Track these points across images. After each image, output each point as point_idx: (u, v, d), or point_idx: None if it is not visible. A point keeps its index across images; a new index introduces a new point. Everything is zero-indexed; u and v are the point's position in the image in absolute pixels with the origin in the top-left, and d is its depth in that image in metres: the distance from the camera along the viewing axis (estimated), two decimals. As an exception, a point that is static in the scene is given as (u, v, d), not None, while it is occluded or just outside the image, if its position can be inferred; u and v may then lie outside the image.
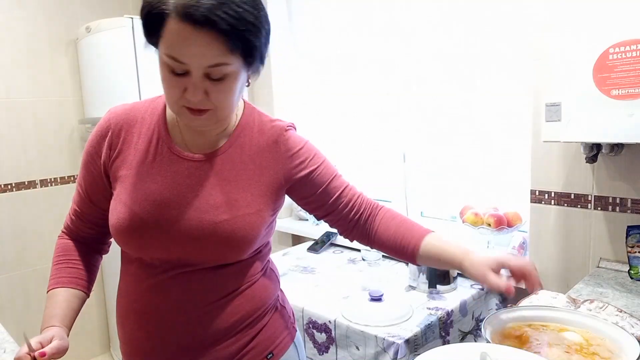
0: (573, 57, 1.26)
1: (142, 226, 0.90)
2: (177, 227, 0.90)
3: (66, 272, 0.99)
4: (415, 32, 2.07)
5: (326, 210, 1.04)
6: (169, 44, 0.80)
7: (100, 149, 0.96)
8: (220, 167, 0.94)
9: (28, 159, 2.50)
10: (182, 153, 0.94)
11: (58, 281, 0.98)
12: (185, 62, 0.80)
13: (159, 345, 0.93)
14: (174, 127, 0.96)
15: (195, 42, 0.78)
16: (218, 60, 0.80)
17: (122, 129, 0.96)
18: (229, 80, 0.83)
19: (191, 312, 0.93)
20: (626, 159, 1.47)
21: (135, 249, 0.94)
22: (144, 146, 0.95)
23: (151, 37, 0.83)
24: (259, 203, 0.95)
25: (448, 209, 2.11)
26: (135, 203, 0.91)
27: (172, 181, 0.93)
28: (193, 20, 0.76)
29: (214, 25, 0.76)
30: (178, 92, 0.83)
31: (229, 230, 0.91)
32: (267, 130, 0.99)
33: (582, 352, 0.87)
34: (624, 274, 1.45)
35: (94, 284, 1.06)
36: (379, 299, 1.54)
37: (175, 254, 0.92)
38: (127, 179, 0.93)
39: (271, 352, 1.01)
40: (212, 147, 0.96)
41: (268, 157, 0.97)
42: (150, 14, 0.80)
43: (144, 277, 0.95)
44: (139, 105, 0.99)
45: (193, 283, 0.93)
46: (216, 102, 0.84)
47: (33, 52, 2.47)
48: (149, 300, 0.94)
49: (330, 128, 2.50)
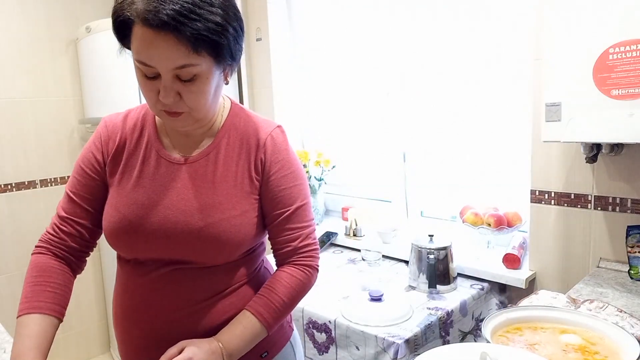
0: (573, 57, 1.26)
1: (130, 228, 0.92)
2: (164, 230, 0.92)
3: (43, 295, 0.91)
4: (415, 32, 2.07)
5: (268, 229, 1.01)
6: (136, 49, 0.83)
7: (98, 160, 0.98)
8: (204, 170, 0.95)
9: (28, 159, 2.50)
10: (169, 156, 0.96)
11: (34, 305, 0.90)
12: (152, 65, 0.82)
13: (153, 343, 0.94)
14: (162, 130, 0.99)
15: (158, 45, 0.80)
16: (184, 62, 0.81)
17: (116, 135, 0.99)
18: (199, 81, 0.85)
19: (183, 309, 0.94)
20: (626, 159, 1.47)
21: (125, 250, 0.97)
22: (135, 150, 0.98)
23: (123, 42, 0.86)
24: (244, 204, 0.95)
25: (448, 209, 2.11)
26: (124, 206, 0.93)
27: (159, 184, 0.94)
28: (153, 25, 0.78)
29: (173, 29, 0.78)
30: (154, 95, 0.86)
31: (214, 234, 0.91)
32: (252, 131, 0.99)
33: (581, 352, 0.87)
34: (624, 274, 1.45)
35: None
36: (379, 299, 1.54)
37: (165, 255, 0.93)
38: (119, 182, 0.96)
39: (266, 351, 1.01)
40: (198, 148, 0.97)
41: (250, 159, 0.97)
42: (117, 20, 0.83)
43: (137, 276, 0.96)
44: (132, 113, 1.02)
45: (185, 281, 0.94)
46: (190, 103, 0.86)
47: (33, 52, 2.47)
48: (143, 298, 0.95)
49: (330, 128, 2.50)
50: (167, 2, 0.77)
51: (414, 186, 2.21)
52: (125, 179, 0.96)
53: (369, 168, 2.37)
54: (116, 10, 0.83)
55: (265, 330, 0.94)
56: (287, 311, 0.99)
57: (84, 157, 1.00)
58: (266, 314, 0.94)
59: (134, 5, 0.80)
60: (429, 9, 2.01)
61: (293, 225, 0.98)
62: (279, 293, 0.96)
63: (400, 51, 2.13)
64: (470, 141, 1.99)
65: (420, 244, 1.71)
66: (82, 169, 0.99)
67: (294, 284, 0.98)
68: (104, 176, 0.98)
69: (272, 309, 0.95)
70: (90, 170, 0.98)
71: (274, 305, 0.95)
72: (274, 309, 0.95)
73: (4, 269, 2.47)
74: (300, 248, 0.99)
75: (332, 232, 2.25)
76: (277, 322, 0.97)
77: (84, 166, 0.99)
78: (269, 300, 0.95)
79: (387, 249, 2.02)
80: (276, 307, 0.95)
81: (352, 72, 2.34)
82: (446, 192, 2.11)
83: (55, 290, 0.94)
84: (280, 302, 0.96)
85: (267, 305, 0.95)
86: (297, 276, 0.98)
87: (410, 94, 2.13)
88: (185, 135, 0.97)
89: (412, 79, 2.11)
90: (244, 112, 1.02)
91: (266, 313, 0.94)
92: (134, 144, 0.98)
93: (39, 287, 0.92)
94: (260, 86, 2.58)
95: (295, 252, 0.99)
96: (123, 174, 0.96)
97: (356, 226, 2.20)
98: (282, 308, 0.96)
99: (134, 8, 0.80)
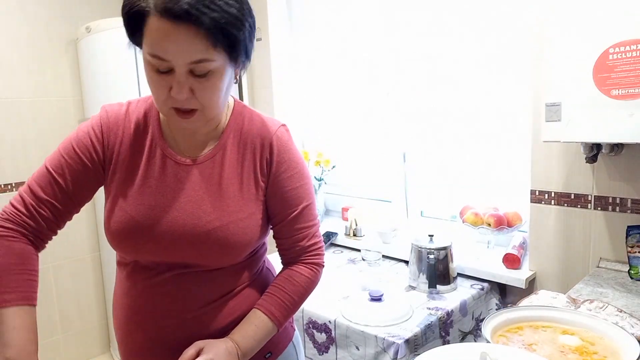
0: (573, 57, 1.26)
1: (138, 230, 0.90)
2: (172, 233, 0.90)
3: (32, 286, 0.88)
4: (415, 32, 2.07)
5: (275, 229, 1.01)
6: (150, 42, 0.79)
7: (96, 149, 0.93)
8: (210, 171, 0.94)
9: (28, 159, 2.50)
10: (174, 157, 0.94)
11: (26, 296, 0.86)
12: (167, 59, 0.79)
13: (157, 346, 0.93)
14: (166, 128, 0.96)
15: (176, 38, 0.77)
16: (201, 56, 0.79)
17: (118, 128, 0.94)
18: (214, 77, 0.82)
19: (187, 313, 0.93)
20: (626, 159, 1.47)
21: (130, 252, 0.94)
22: (138, 149, 0.94)
23: (134, 37, 0.83)
24: (250, 207, 0.94)
25: (448, 209, 2.11)
26: (131, 206, 0.91)
27: (166, 185, 0.92)
28: (173, 15, 0.75)
29: (194, 20, 0.75)
30: (164, 92, 0.82)
31: (222, 237, 0.90)
32: (257, 131, 0.97)
33: (579, 352, 0.87)
34: (624, 274, 1.45)
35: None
36: (379, 299, 1.54)
37: (170, 257, 0.92)
38: (123, 181, 0.93)
39: (269, 352, 1.01)
40: (203, 149, 0.95)
41: (256, 159, 0.95)
42: (130, 12, 0.79)
43: (139, 279, 0.95)
44: (133, 106, 0.97)
45: (188, 285, 0.93)
46: (202, 100, 0.83)
47: (33, 52, 2.47)
48: (146, 302, 0.94)
49: (330, 128, 2.50)
50: None
51: (414, 186, 2.21)
52: (130, 179, 0.93)
53: (369, 168, 2.37)
54: (128, 2, 0.79)
55: (276, 328, 0.96)
56: (296, 308, 0.99)
57: (79, 140, 0.92)
58: (277, 313, 0.95)
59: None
60: (429, 9, 2.01)
61: (300, 225, 0.98)
62: (288, 291, 0.97)
63: (400, 51, 2.13)
64: (471, 141, 1.99)
65: (420, 244, 1.71)
66: (74, 151, 0.91)
67: (303, 282, 0.98)
68: (99, 168, 0.93)
69: (282, 308, 0.96)
70: (85, 156, 0.92)
71: (284, 303, 0.96)
72: (284, 307, 0.96)
73: (4, 269, 2.46)
74: (308, 247, 1.00)
75: (332, 232, 2.25)
76: (287, 320, 0.98)
77: (77, 150, 0.91)
78: (279, 299, 0.96)
79: (387, 249, 2.02)
80: (287, 305, 0.96)
81: (352, 72, 2.34)
82: (446, 192, 2.11)
83: (35, 279, 0.90)
84: (290, 300, 0.97)
85: (277, 304, 0.95)
86: (306, 274, 0.99)
87: (410, 94, 2.13)
88: (190, 135, 0.94)
89: (412, 79, 2.11)
90: (247, 111, 0.99)
91: (277, 312, 0.95)
92: (138, 141, 0.94)
93: (25, 276, 0.88)
94: (260, 86, 2.58)
95: (303, 252, 1.00)
96: (127, 172, 0.93)
97: (356, 226, 2.20)
98: (292, 306, 0.97)
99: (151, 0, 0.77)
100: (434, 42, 2.01)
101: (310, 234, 1.00)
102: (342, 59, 2.37)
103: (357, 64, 2.31)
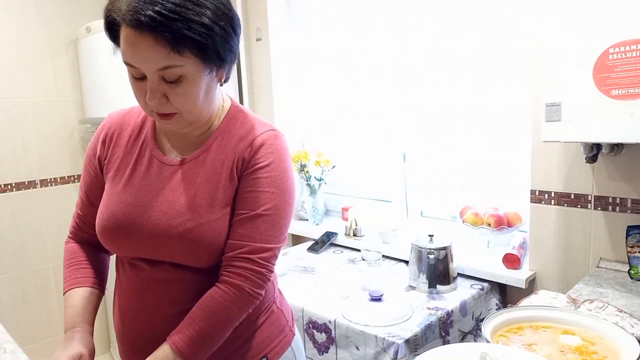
0: (573, 57, 1.26)
1: (118, 227, 0.93)
2: (147, 231, 0.91)
3: (79, 272, 1.02)
4: (416, 32, 2.07)
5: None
6: (123, 50, 0.83)
7: (96, 152, 1.01)
8: (193, 172, 0.94)
9: (28, 159, 2.50)
10: (161, 157, 0.96)
11: (72, 282, 1.00)
12: (137, 66, 0.82)
13: (150, 343, 0.93)
14: (161, 131, 0.99)
15: (139, 46, 0.80)
16: (166, 63, 0.80)
17: (115, 132, 1.00)
18: (185, 82, 0.83)
19: (176, 309, 0.93)
20: (626, 159, 1.47)
21: (113, 248, 0.98)
22: (131, 149, 0.98)
23: (115, 43, 0.87)
24: (225, 208, 0.92)
25: (448, 209, 2.11)
26: (114, 204, 0.94)
27: (148, 184, 0.94)
28: (136, 25, 0.78)
29: (152, 29, 0.78)
30: (143, 97, 0.86)
31: (192, 238, 0.90)
32: (245, 133, 0.95)
33: (579, 352, 0.87)
34: (624, 274, 1.45)
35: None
36: (379, 299, 1.54)
37: (150, 255, 0.93)
38: (112, 180, 0.97)
39: (265, 356, 1.00)
40: (194, 150, 0.96)
41: (235, 159, 0.93)
42: (106, 20, 0.84)
43: (132, 276, 0.97)
44: (134, 110, 1.03)
45: (176, 282, 0.93)
46: (177, 104, 0.85)
47: (33, 52, 2.47)
48: (138, 298, 0.96)
49: (330, 128, 2.50)
50: (147, 3, 0.77)
51: (414, 186, 2.21)
52: (118, 178, 0.97)
53: (369, 168, 2.37)
54: (106, 10, 0.84)
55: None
56: (211, 339, 0.88)
57: (87, 156, 1.03)
58: (180, 343, 0.86)
59: (120, 6, 0.80)
60: (429, 9, 2.01)
61: (244, 231, 0.89)
62: (196, 319, 0.87)
63: (400, 51, 2.13)
64: (470, 141, 1.99)
65: (420, 244, 1.71)
66: (86, 169, 1.03)
67: (214, 308, 0.87)
68: (99, 174, 1.01)
69: (187, 337, 0.86)
70: (92, 170, 1.01)
71: (189, 332, 0.86)
72: (189, 336, 0.86)
73: (4, 269, 2.46)
74: (240, 260, 0.88)
75: (332, 232, 2.25)
76: (200, 351, 0.87)
77: (87, 167, 1.02)
78: (186, 327, 0.87)
79: (387, 249, 2.02)
80: (191, 334, 0.86)
81: (352, 72, 2.34)
82: (446, 192, 2.11)
83: (86, 266, 1.03)
84: (197, 329, 0.86)
85: (183, 332, 0.87)
86: (218, 297, 0.88)
87: (411, 94, 2.13)
88: (183, 136, 0.97)
89: (412, 79, 2.11)
90: (242, 114, 0.98)
91: (180, 342, 0.86)
92: (132, 142, 0.99)
93: (73, 267, 1.02)
94: (260, 86, 2.58)
95: (231, 263, 0.89)
96: (117, 171, 0.97)
97: (356, 226, 2.20)
98: (200, 336, 0.86)
99: (118, 8, 0.80)
100: (434, 42, 2.01)
101: (250, 248, 0.88)
102: (342, 59, 2.37)
103: (357, 63, 2.31)
